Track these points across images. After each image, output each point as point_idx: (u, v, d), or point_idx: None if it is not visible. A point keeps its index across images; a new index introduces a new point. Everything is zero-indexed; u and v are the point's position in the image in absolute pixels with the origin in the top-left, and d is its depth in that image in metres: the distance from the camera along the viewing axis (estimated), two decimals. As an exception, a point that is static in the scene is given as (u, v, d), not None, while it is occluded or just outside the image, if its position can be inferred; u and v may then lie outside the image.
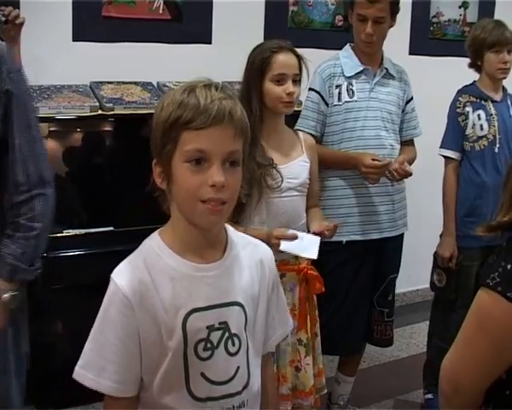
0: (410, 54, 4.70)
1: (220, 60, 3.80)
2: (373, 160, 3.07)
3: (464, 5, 4.97)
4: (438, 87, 3.96)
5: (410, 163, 3.24)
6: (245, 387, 1.59)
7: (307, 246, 2.66)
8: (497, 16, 4.81)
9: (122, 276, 1.52)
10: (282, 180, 2.70)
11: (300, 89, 2.75)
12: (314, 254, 2.65)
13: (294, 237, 2.63)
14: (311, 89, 3.21)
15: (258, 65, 2.70)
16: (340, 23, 4.44)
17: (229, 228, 1.66)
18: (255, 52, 2.74)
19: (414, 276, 4.86)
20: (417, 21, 4.73)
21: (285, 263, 2.71)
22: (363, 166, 3.05)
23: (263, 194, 2.67)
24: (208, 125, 1.45)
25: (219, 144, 1.47)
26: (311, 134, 3.08)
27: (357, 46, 3.26)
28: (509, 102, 3.58)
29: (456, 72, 3.75)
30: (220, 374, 1.55)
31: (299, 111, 3.23)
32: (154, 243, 1.58)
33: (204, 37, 3.96)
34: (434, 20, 4.83)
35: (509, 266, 1.51)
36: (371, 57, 3.26)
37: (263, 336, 1.69)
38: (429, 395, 3.60)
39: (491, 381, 1.59)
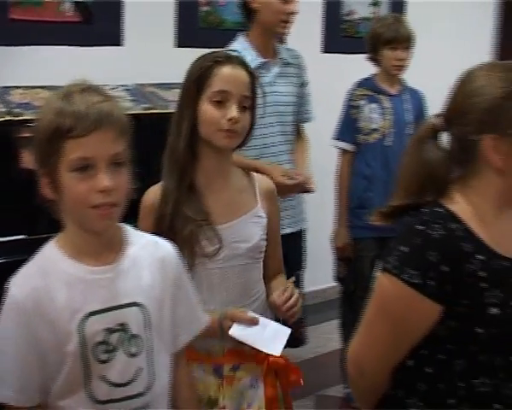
0: (323, 52, 4.75)
1: (132, 62, 3.77)
2: (283, 175, 2.98)
3: (376, 3, 5.05)
4: (351, 84, 4.00)
5: (307, 164, 3.28)
6: (148, 388, 1.60)
7: (269, 337, 2.01)
8: (409, 14, 4.92)
9: (16, 285, 1.53)
10: (221, 246, 2.05)
11: (253, 119, 2.11)
12: (275, 350, 2.01)
13: (253, 323, 2.03)
14: None
15: (194, 78, 2.06)
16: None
17: (127, 228, 1.67)
18: (195, 62, 2.11)
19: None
20: (330, 19, 4.78)
21: (237, 352, 2.09)
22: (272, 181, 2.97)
23: (195, 262, 2.03)
24: (89, 132, 1.45)
25: (103, 149, 1.48)
26: None
27: (259, 35, 3.16)
28: (407, 96, 3.66)
29: (369, 69, 3.80)
30: (121, 376, 1.56)
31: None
32: (48, 250, 1.58)
33: (115, 39, 3.91)
34: (347, 18, 4.89)
35: (405, 249, 1.57)
36: (267, 48, 3.21)
37: (171, 335, 1.69)
38: (349, 389, 3.65)
39: (395, 363, 1.65)
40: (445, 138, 1.72)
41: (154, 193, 2.10)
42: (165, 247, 1.73)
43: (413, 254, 1.56)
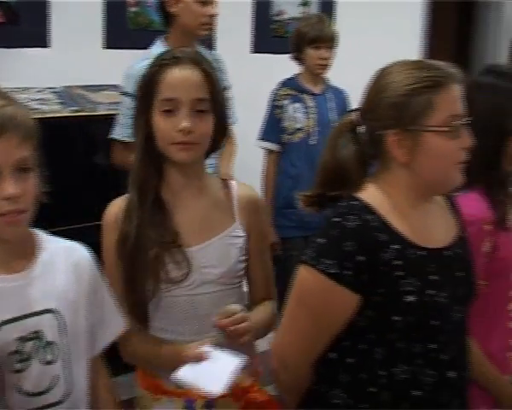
0: (253, 52, 4.76)
1: (59, 64, 3.71)
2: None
3: (305, 3, 5.08)
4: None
5: (232, 164, 3.26)
6: (66, 395, 1.58)
7: (216, 373, 1.69)
8: (338, 15, 4.97)
9: None
10: (189, 271, 1.82)
11: (220, 119, 1.87)
12: (216, 388, 1.66)
13: (200, 359, 1.72)
14: (124, 93, 3.00)
15: (141, 86, 1.86)
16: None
17: (40, 233, 1.64)
18: (149, 67, 1.87)
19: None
20: (259, 19, 4.79)
21: None
22: None
23: (159, 288, 1.82)
24: None
25: (7, 155, 1.45)
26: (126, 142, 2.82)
27: (179, 38, 3.07)
28: (331, 95, 3.70)
29: (299, 69, 3.82)
30: (36, 385, 1.53)
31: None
32: None
33: (41, 40, 3.83)
34: (276, 18, 4.91)
35: (322, 241, 1.61)
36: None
37: (88, 340, 1.67)
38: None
39: (317, 355, 1.68)
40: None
41: (117, 206, 1.88)
42: (80, 251, 1.70)
43: (329, 245, 1.60)
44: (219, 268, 1.85)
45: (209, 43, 3.36)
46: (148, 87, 1.81)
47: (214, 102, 1.83)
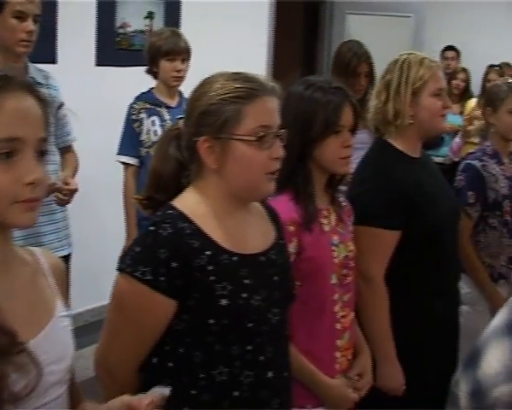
0: (97, 65, 4.68)
1: None
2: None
3: (150, 15, 5.06)
4: (126, 97, 3.97)
5: (74, 174, 3.19)
6: None
7: None
8: (183, 27, 4.98)
9: None
10: (40, 374, 1.28)
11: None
12: None
13: None
14: None
15: None
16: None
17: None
18: None
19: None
20: (103, 32, 4.72)
21: None
22: None
23: None
24: None
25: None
26: None
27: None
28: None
29: (144, 81, 3.80)
30: None
31: None
32: None
33: None
34: (120, 30, 4.86)
35: (138, 249, 1.66)
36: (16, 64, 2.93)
37: None
38: None
39: (140, 360, 1.71)
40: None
41: None
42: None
43: (144, 253, 1.65)
44: (63, 362, 1.41)
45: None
46: None
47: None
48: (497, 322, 1.24)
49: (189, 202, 1.73)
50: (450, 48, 7.33)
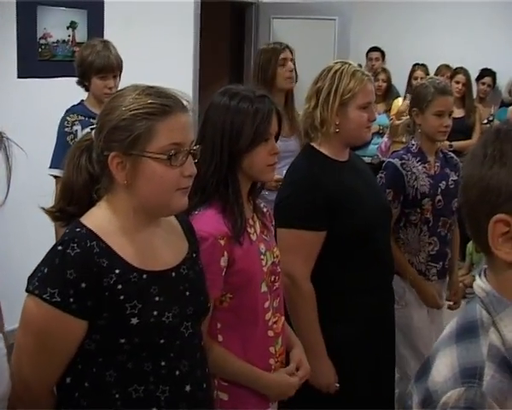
0: (19, 77, 4.59)
1: None
2: None
3: (72, 25, 4.98)
4: (50, 109, 3.90)
5: None
6: None
7: None
8: (106, 36, 4.91)
9: None
10: None
11: None
12: None
13: None
14: None
15: None
16: None
17: None
18: None
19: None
20: (24, 44, 4.63)
21: None
22: None
23: None
24: None
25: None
26: None
27: None
28: None
29: (68, 91, 3.73)
30: None
31: None
32: None
33: None
34: (42, 41, 4.77)
35: (45, 270, 1.63)
36: None
37: None
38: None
39: (54, 380, 1.70)
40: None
41: None
42: None
43: (53, 274, 1.62)
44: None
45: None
46: None
47: None
48: (446, 331, 1.25)
49: (98, 219, 1.71)
50: (374, 49, 7.46)
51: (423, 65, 6.76)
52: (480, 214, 1.17)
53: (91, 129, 1.81)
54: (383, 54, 7.47)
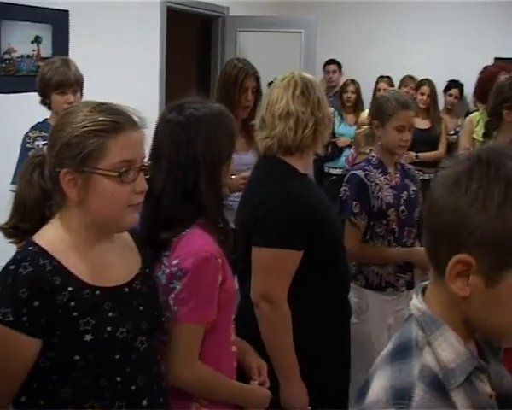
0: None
1: None
2: None
3: (37, 40, 4.93)
4: (15, 124, 3.85)
5: None
6: None
7: None
8: (71, 51, 4.89)
9: None
10: None
11: None
12: None
13: None
14: None
15: None
16: None
17: None
18: None
19: None
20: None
21: None
22: None
23: None
24: None
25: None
26: None
27: None
28: None
29: (33, 107, 3.70)
30: None
31: None
32: None
33: None
34: (6, 56, 4.73)
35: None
36: None
37: None
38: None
39: (11, 396, 1.68)
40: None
41: None
42: None
43: (5, 293, 1.62)
44: None
45: None
46: None
47: None
48: (384, 352, 1.27)
49: (50, 237, 1.71)
50: (331, 61, 7.48)
51: (388, 77, 6.80)
52: (443, 240, 1.18)
53: (43, 144, 1.80)
54: (340, 66, 7.49)
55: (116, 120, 1.69)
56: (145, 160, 1.79)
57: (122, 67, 5.40)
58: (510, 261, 1.14)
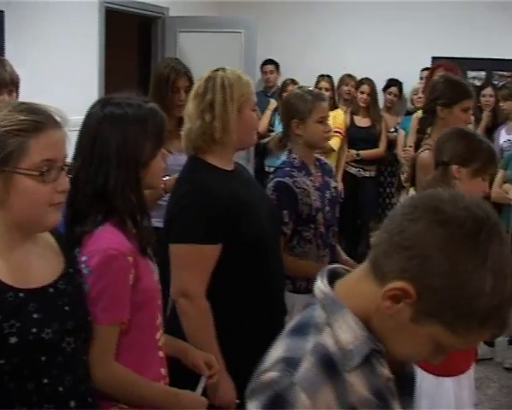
0: None
1: None
2: None
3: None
4: None
5: None
6: None
7: None
8: (7, 53, 4.82)
9: None
10: None
11: None
12: None
13: None
14: None
15: None
16: None
17: None
18: None
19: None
20: None
21: None
22: None
23: None
24: None
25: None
26: None
27: None
28: None
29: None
30: None
31: None
32: None
33: None
34: None
35: None
36: None
37: None
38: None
39: None
40: None
41: None
42: None
43: None
44: None
45: None
46: None
47: None
48: (286, 328, 1.32)
49: None
50: (269, 61, 7.48)
51: (328, 76, 6.85)
52: (399, 257, 1.19)
53: None
54: (277, 66, 7.51)
55: (37, 120, 1.69)
56: (67, 159, 1.78)
57: (60, 66, 5.33)
58: (444, 318, 1.17)
